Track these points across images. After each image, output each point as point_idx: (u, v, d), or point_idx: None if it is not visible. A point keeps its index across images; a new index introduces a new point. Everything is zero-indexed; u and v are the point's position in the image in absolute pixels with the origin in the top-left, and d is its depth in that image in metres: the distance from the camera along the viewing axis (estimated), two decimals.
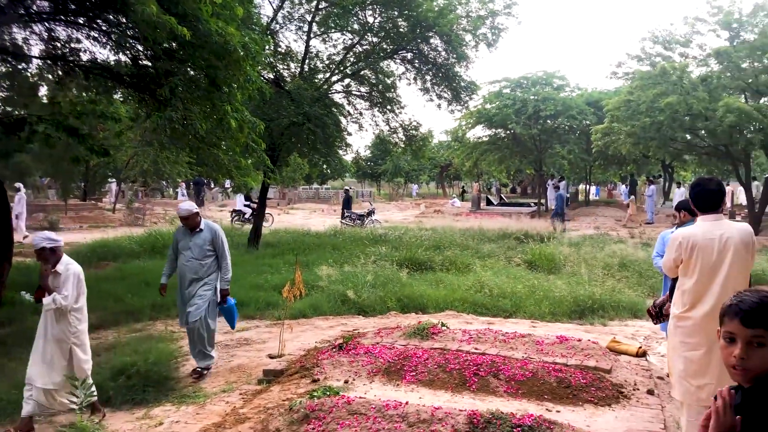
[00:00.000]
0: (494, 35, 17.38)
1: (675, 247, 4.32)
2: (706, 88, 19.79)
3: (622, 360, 6.54)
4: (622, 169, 36.96)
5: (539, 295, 10.40)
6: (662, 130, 20.32)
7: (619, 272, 12.64)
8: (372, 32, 17.23)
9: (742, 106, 18.33)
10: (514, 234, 18.55)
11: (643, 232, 21.21)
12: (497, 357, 6.17)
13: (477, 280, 11.49)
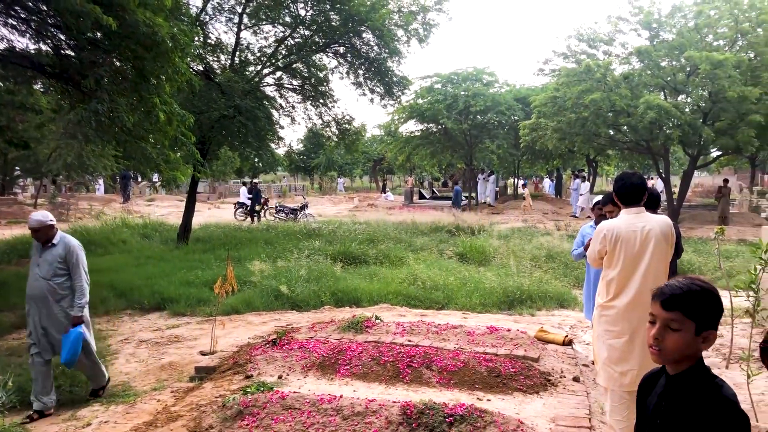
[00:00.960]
0: (426, 31, 17.57)
1: (600, 239, 4.49)
2: (628, 85, 20.56)
3: (550, 349, 6.76)
4: (548, 163, 37.99)
5: (470, 286, 10.63)
6: (587, 125, 21.01)
7: (546, 264, 13.04)
8: (304, 25, 17.12)
9: (662, 103, 19.15)
10: (446, 227, 18.81)
11: (569, 225, 21.92)
12: (430, 348, 6.29)
13: (410, 273, 11.63)
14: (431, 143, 33.59)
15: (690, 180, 24.14)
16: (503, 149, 30.56)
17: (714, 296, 1.98)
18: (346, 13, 16.24)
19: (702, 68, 18.60)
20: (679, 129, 19.54)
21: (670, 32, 21.00)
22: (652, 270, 4.40)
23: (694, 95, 20.95)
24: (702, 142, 20.38)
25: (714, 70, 18.34)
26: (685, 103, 21.23)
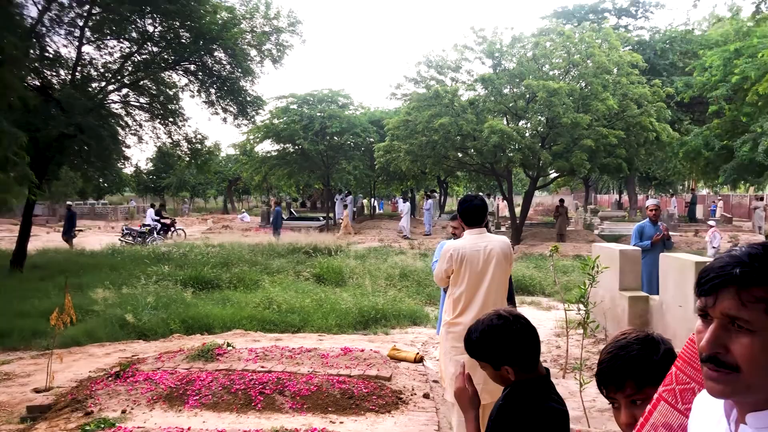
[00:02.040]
0: (279, 52, 17.54)
1: (446, 259, 4.67)
2: (473, 110, 21.66)
3: (402, 367, 6.90)
4: (403, 184, 39.07)
5: (326, 308, 10.63)
6: (437, 148, 21.86)
7: (400, 282, 13.35)
8: (152, 41, 16.50)
9: (504, 128, 20.35)
10: (303, 248, 18.74)
11: (422, 243, 22.63)
12: (283, 374, 6.20)
13: (265, 296, 11.45)
14: (288, 163, 33.41)
15: (531, 200, 25.76)
16: (359, 170, 31.04)
17: (500, 334, 2.16)
18: (196, 31, 15.85)
19: (539, 96, 20.00)
20: (520, 152, 20.83)
21: (511, 61, 22.39)
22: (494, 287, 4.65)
23: (533, 121, 22.44)
24: (541, 165, 21.83)
25: (550, 98, 19.77)
26: (525, 128, 22.68)
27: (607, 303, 8.17)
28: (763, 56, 14.48)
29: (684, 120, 25.81)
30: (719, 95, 18.00)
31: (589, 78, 20.85)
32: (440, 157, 22.77)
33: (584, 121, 19.73)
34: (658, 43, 28.47)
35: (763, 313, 1.10)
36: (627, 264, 7.98)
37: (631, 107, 20.87)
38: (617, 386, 1.73)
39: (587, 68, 21.03)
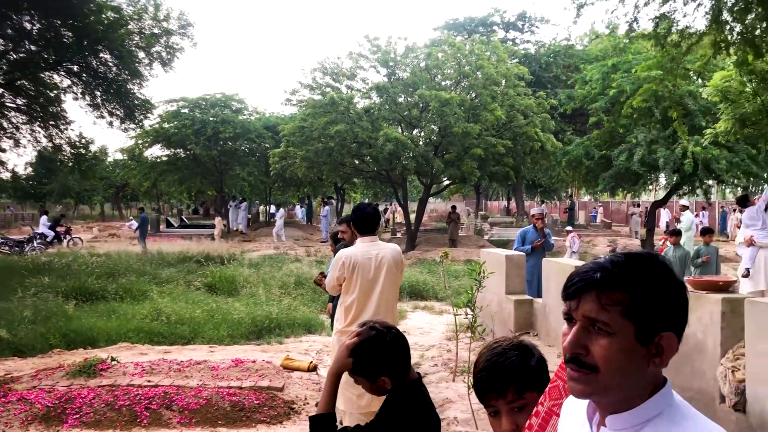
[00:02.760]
0: (169, 54, 17.06)
1: (338, 267, 4.71)
2: (369, 118, 21.89)
3: (295, 376, 6.87)
4: (299, 190, 38.85)
5: (218, 318, 10.41)
6: (333, 155, 21.93)
7: (295, 290, 13.26)
8: (30, 40, 15.59)
9: (399, 136, 20.72)
10: (195, 257, 18.23)
11: (318, 251, 22.58)
12: (171, 388, 6.02)
13: (154, 307, 11.04)
14: (179, 169, 32.45)
15: (425, 206, 26.31)
16: (254, 176, 30.60)
17: (375, 346, 2.21)
18: (80, 30, 15.14)
19: (432, 105, 20.51)
20: (414, 160, 21.27)
21: (405, 71, 22.82)
22: (385, 294, 4.74)
23: (426, 129, 22.95)
24: (434, 172, 22.35)
25: (442, 108, 20.31)
26: (419, 137, 23.17)
27: (495, 306, 8.48)
28: (636, 72, 15.50)
29: (567, 130, 27.19)
30: (598, 107, 19.10)
31: (479, 89, 21.59)
32: (336, 163, 22.85)
33: (474, 130, 20.39)
34: (543, 56, 29.88)
35: (621, 316, 1.16)
36: (512, 269, 8.33)
37: (517, 118, 21.79)
38: (499, 392, 1.76)
39: (477, 79, 21.77)
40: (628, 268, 1.19)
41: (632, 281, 1.18)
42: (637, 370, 1.19)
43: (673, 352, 1.20)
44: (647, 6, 9.88)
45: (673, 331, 1.19)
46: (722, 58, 11.49)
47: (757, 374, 4.17)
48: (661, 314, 1.18)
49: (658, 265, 1.22)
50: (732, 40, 9.96)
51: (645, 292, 1.17)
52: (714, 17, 9.54)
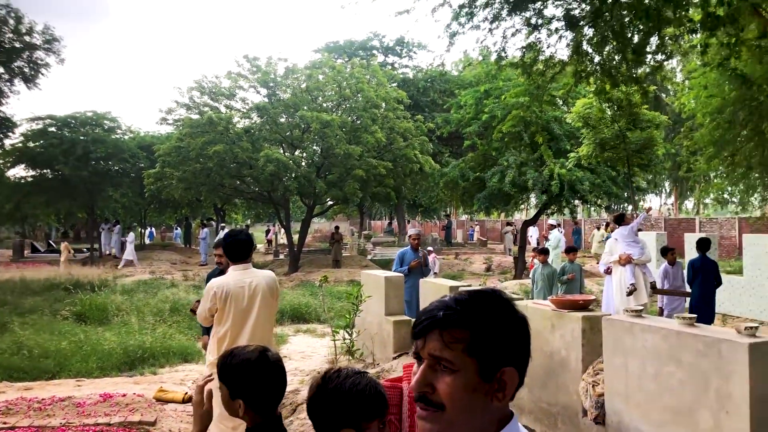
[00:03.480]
0: (33, 71, 16.09)
1: (210, 298, 4.58)
2: (249, 139, 21.62)
3: (169, 409, 6.61)
4: (177, 212, 37.58)
5: (87, 350, 9.85)
6: (211, 176, 21.43)
7: (171, 317, 12.78)
8: None
9: (280, 157, 20.60)
10: (63, 284, 17.19)
11: (197, 274, 21.91)
12: (30, 429, 5.62)
13: (13, 340, 10.30)
14: (46, 190, 30.40)
15: (308, 227, 26.25)
16: (128, 198, 29.29)
17: (247, 368, 2.22)
18: None
19: (314, 126, 20.58)
20: (296, 181, 21.20)
21: (286, 92, 22.78)
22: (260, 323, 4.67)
23: (308, 150, 22.96)
24: (317, 193, 22.37)
25: (323, 129, 20.43)
26: (301, 158, 23.14)
27: (375, 328, 8.56)
28: (505, 98, 16.34)
29: (444, 152, 28.10)
30: (472, 131, 19.92)
31: (360, 111, 21.92)
32: (215, 184, 22.34)
33: (356, 152, 20.64)
34: (421, 81, 30.82)
35: (463, 353, 1.20)
36: (391, 290, 8.44)
37: (397, 140, 22.29)
38: (342, 426, 1.83)
39: (358, 102, 22.10)
40: (469, 307, 1.24)
41: (473, 319, 1.23)
42: (482, 406, 1.22)
43: (515, 386, 1.25)
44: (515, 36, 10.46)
45: (514, 366, 1.25)
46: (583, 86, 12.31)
47: (613, 388, 4.47)
48: (502, 350, 1.23)
49: (500, 302, 1.29)
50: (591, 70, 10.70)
51: (485, 329, 1.22)
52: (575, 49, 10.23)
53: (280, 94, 22.94)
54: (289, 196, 23.88)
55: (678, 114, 20.33)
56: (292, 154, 22.92)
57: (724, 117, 12.19)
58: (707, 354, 3.75)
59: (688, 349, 3.89)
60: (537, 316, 5.34)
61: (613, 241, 9.92)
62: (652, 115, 16.64)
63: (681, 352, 3.94)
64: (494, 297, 1.30)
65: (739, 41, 9.78)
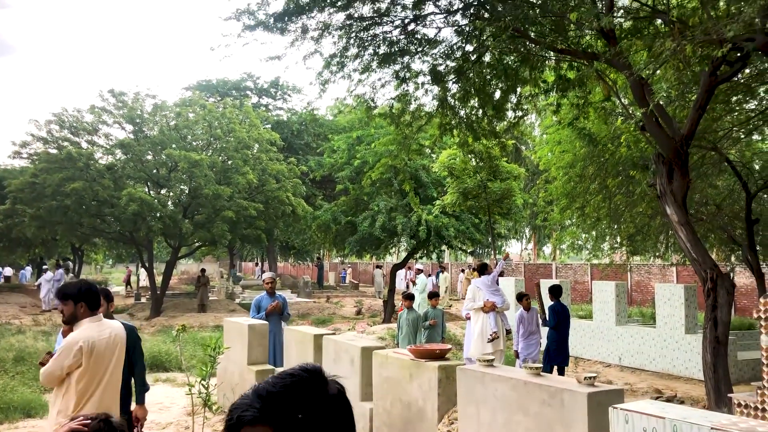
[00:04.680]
0: None
1: (74, 353, 4.20)
2: (112, 176, 20.66)
3: None
4: (29, 251, 35.00)
5: None
6: (69, 214, 20.20)
7: (13, 367, 11.76)
8: None
9: (144, 196, 19.82)
10: None
11: (49, 318, 20.41)
12: None
13: None
14: None
15: (172, 269, 25.27)
16: None
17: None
18: None
19: (181, 166, 20.03)
20: (161, 221, 20.43)
21: (153, 129, 22.06)
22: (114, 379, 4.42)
23: (175, 190, 22.27)
24: (183, 234, 21.65)
25: (192, 169, 19.93)
26: (167, 197, 22.37)
27: (237, 378, 8.33)
28: (375, 146, 16.74)
29: (317, 195, 28.22)
30: (344, 176, 20.18)
31: (231, 152, 21.63)
32: (73, 223, 21.04)
33: (225, 193, 20.27)
34: (295, 124, 30.96)
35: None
36: (255, 338, 8.28)
37: (269, 182, 22.14)
38: None
39: (229, 142, 21.80)
40: (272, 401, 1.27)
41: (275, 415, 1.25)
42: None
43: None
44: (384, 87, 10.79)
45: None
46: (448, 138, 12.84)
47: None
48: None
49: (310, 388, 1.32)
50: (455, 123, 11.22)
51: (287, 423, 1.26)
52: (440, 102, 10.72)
53: (146, 131, 22.17)
54: (153, 237, 22.94)
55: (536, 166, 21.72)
56: (157, 193, 22.12)
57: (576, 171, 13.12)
58: (551, 404, 3.97)
59: (535, 398, 4.09)
60: (396, 366, 5.42)
61: (475, 289, 10.34)
62: (511, 167, 17.69)
63: (528, 401, 4.14)
64: (304, 383, 1.32)
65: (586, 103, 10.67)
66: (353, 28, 9.89)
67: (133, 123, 22.01)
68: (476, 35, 9.56)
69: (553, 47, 9.01)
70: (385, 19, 9.81)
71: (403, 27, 9.86)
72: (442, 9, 9.56)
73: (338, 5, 9.13)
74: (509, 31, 7.94)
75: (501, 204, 17.34)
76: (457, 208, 17.37)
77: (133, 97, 22.39)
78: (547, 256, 47.50)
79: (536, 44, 9.09)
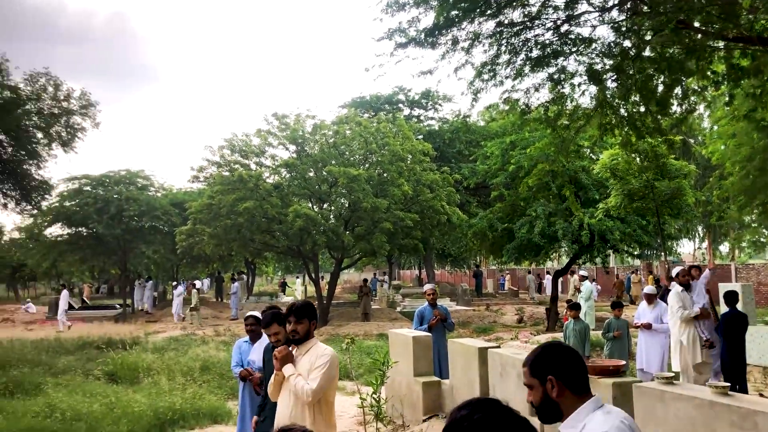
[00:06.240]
0: (70, 135, 16.63)
1: (334, 366, 4.34)
2: (279, 194, 21.95)
3: None
4: (208, 267, 38.04)
5: (117, 412, 9.87)
6: (242, 232, 21.72)
7: (201, 376, 12.78)
8: None
9: (308, 212, 20.84)
10: (95, 342, 17.36)
11: (228, 329, 21.98)
12: None
13: (47, 402, 10.37)
14: (81, 248, 31.13)
15: (337, 280, 26.32)
16: (160, 254, 29.75)
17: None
18: None
19: (341, 181, 20.84)
20: (324, 235, 21.37)
21: (314, 148, 23.16)
22: None
23: (336, 204, 23.21)
24: (345, 246, 22.48)
25: (350, 183, 20.67)
26: (329, 212, 23.37)
27: (404, 389, 8.48)
28: (531, 151, 16.38)
29: (472, 202, 28.12)
30: (499, 182, 19.94)
31: (386, 165, 22.15)
32: (246, 240, 22.60)
33: (383, 205, 20.79)
34: (446, 133, 31.07)
35: None
36: (419, 350, 8.38)
37: (424, 192, 22.41)
38: None
39: (384, 156, 22.34)
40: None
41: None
42: None
43: None
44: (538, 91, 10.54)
45: None
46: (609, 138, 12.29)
47: None
48: None
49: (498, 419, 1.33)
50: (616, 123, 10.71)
51: None
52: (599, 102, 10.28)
53: (308, 150, 23.32)
54: (318, 250, 24.03)
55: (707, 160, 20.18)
56: (320, 208, 23.18)
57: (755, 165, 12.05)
58: (742, 426, 3.65)
59: (723, 420, 3.79)
60: None
61: (682, 295, 9.48)
62: (680, 164, 16.54)
63: (715, 423, 3.84)
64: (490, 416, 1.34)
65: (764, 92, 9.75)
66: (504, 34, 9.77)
67: (296, 143, 23.24)
68: (635, 30, 9.07)
69: (723, 35, 8.33)
70: (536, 23, 9.58)
71: (556, 28, 9.58)
72: (596, 6, 9.18)
73: (488, 14, 9.06)
74: (672, 25, 7.44)
75: (671, 204, 16.26)
76: (622, 211, 16.55)
77: (294, 118, 23.65)
78: (725, 255, 43.87)
79: (703, 34, 8.45)
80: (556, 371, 2.51)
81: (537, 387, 2.54)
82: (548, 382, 2.50)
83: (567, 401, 2.49)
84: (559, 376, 2.50)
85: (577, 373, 2.53)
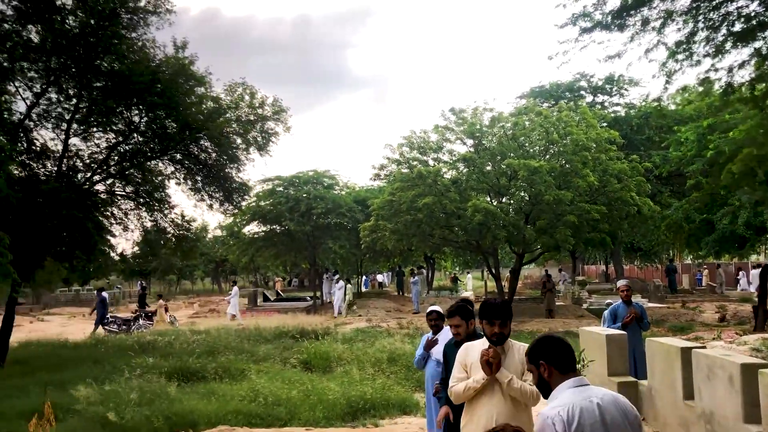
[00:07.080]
0: (264, 140, 17.83)
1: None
2: (457, 189, 21.99)
3: None
4: (389, 261, 39.18)
5: (313, 399, 10.43)
6: (421, 227, 22.06)
7: (388, 368, 13.14)
8: (138, 132, 16.74)
9: (487, 206, 20.65)
10: (290, 332, 18.52)
11: (411, 322, 22.45)
12: None
13: (251, 387, 11.22)
14: (275, 245, 33.54)
15: (518, 276, 25.84)
16: (345, 249, 31.13)
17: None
18: (182, 121, 16.11)
19: (521, 174, 20.39)
20: (504, 229, 21.04)
21: (492, 141, 22.90)
22: None
23: (516, 198, 22.79)
24: (525, 241, 22.01)
25: (531, 176, 20.15)
26: (508, 205, 23.00)
27: None
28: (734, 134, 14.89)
29: (664, 192, 26.25)
30: (695, 170, 18.37)
31: (569, 156, 21.33)
32: (425, 235, 22.93)
33: (566, 197, 20.04)
34: (634, 119, 29.27)
35: None
36: (614, 349, 7.95)
37: (611, 183, 21.28)
38: None
39: (566, 146, 21.54)
40: None
41: None
42: None
43: None
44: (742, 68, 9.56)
45: None
46: None
47: None
48: None
49: None
50: None
51: None
52: None
53: (485, 144, 23.12)
54: (498, 245, 23.76)
55: None
56: (499, 202, 22.90)
57: None
58: None
59: None
60: None
61: None
62: None
63: None
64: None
65: None
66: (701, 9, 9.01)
67: (473, 137, 23.14)
68: None
69: None
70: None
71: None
72: None
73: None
74: None
75: None
76: None
77: (472, 112, 23.56)
78: None
79: None
80: (546, 357, 3.09)
81: (534, 371, 3.16)
82: (541, 366, 3.09)
83: (555, 380, 3.03)
84: (549, 361, 3.08)
85: (563, 357, 3.08)
